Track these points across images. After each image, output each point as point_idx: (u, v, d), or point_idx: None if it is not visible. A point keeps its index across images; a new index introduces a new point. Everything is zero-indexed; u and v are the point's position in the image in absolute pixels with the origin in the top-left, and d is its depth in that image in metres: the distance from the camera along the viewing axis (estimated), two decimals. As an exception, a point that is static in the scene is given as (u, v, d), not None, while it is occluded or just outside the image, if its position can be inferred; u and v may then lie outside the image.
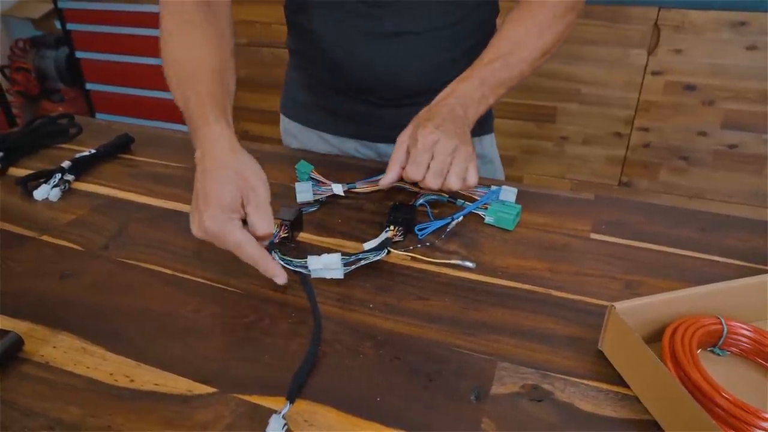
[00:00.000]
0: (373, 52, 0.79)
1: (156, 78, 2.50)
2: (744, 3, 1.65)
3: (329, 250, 0.59)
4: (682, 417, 0.40)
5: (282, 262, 0.57)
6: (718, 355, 0.48)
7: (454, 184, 0.62)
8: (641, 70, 1.82)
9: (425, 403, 0.44)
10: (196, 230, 0.54)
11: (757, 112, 1.76)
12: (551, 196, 0.75)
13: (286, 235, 0.62)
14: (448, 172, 0.62)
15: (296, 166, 0.74)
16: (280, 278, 0.55)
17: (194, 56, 0.65)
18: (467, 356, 0.48)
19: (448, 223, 0.66)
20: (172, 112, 2.50)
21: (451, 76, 0.70)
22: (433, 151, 0.62)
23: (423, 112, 0.67)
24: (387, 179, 0.66)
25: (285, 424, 0.41)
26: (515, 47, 0.72)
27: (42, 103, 2.79)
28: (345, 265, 0.56)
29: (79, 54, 2.59)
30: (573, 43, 1.85)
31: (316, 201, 0.71)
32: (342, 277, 0.56)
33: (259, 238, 0.55)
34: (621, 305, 0.46)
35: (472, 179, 0.63)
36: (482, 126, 0.90)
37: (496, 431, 0.42)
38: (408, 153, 0.64)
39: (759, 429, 0.39)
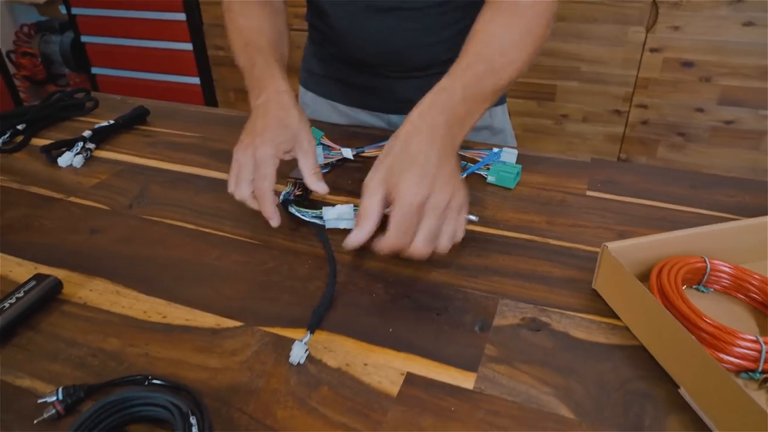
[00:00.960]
0: (378, 28, 0.81)
1: (162, 61, 2.53)
2: (741, -20, 1.67)
3: (341, 206, 0.63)
4: (669, 340, 0.44)
5: (298, 213, 0.62)
6: (703, 292, 0.52)
7: (444, 248, 0.51)
8: (640, 47, 1.85)
9: (434, 333, 0.48)
10: (241, 154, 0.60)
11: (754, 88, 1.79)
12: (549, 158, 0.79)
13: (300, 193, 0.66)
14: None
15: (307, 132, 0.77)
16: (274, 221, 0.59)
17: (254, 26, 0.74)
18: (471, 294, 0.53)
19: (452, 182, 0.70)
20: (178, 95, 2.53)
21: (458, 49, 0.61)
22: (421, 213, 0.49)
23: (398, 148, 0.52)
24: (353, 239, 0.51)
25: (306, 350, 0.46)
26: (497, 48, 0.61)
27: (48, 88, 2.81)
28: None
29: (84, 38, 2.61)
30: (572, 21, 1.87)
31: (326, 164, 0.75)
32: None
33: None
34: (613, 245, 0.50)
35: (461, 234, 0.53)
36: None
37: (499, 355, 0.46)
38: (384, 203, 0.51)
39: (737, 347, 0.43)
